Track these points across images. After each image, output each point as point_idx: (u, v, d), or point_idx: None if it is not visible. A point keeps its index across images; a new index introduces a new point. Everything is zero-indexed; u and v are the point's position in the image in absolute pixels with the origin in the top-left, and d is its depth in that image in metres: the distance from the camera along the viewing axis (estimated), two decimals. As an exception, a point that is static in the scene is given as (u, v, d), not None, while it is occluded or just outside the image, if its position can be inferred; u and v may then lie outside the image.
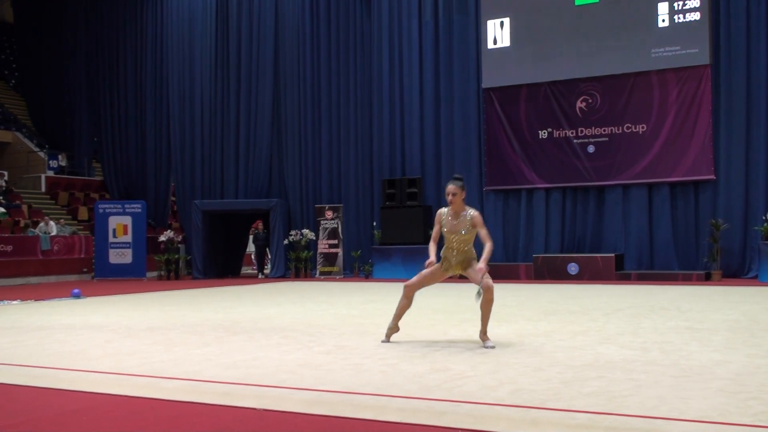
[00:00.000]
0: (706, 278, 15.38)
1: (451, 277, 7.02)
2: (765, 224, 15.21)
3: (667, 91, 16.66)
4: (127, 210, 20.33)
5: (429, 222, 18.63)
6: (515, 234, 18.31)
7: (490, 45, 18.43)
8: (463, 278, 17.22)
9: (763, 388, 4.70)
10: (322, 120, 20.58)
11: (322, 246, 19.77)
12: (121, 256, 20.14)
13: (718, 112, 16.32)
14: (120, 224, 20.24)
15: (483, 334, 6.70)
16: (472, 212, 6.70)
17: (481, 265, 6.59)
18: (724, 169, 16.18)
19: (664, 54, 16.62)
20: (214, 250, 20.85)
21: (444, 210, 6.77)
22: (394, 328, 7.08)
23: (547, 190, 17.98)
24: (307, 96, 20.74)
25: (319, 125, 20.63)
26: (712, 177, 16.18)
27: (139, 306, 11.82)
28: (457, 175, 6.80)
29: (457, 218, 6.71)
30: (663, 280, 15.48)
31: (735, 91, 16.21)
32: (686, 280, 15.33)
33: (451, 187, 6.60)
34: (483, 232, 6.72)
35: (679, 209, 16.66)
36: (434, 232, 6.93)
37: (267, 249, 21.66)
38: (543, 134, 17.88)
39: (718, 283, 14.97)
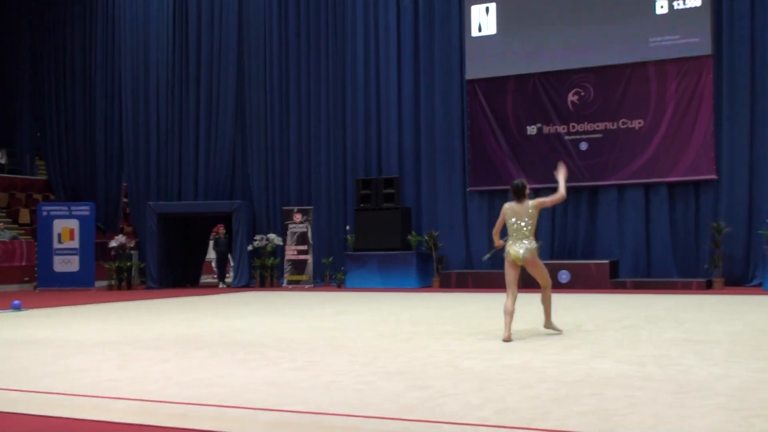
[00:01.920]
0: (707, 286, 15.55)
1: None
2: (770, 228, 15.47)
3: (666, 83, 16.82)
4: (73, 212, 20.15)
5: (407, 225, 18.67)
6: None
7: (475, 33, 18.52)
8: (459, 286, 17.25)
9: (766, 405, 4.78)
10: (291, 114, 20.54)
11: (290, 252, 19.73)
12: (66, 264, 19.96)
13: (720, 106, 16.48)
14: (66, 228, 20.06)
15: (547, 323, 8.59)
16: (531, 201, 8.43)
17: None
18: (726, 168, 16.35)
19: (663, 43, 16.79)
20: (171, 256, 20.72)
21: (508, 204, 8.52)
22: (507, 338, 8.12)
23: (535, 190, 17.96)
24: (274, 88, 20.70)
25: (287, 120, 20.59)
26: (714, 177, 16.36)
27: (88, 319, 11.74)
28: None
29: (520, 205, 8.40)
30: (661, 288, 15.63)
31: (738, 83, 16.39)
32: (686, 288, 15.49)
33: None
34: (548, 199, 8.62)
35: (678, 212, 16.82)
36: (497, 224, 8.74)
37: (229, 256, 21.56)
38: (532, 130, 17.99)
39: (720, 291, 15.15)
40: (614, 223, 17.26)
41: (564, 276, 16.39)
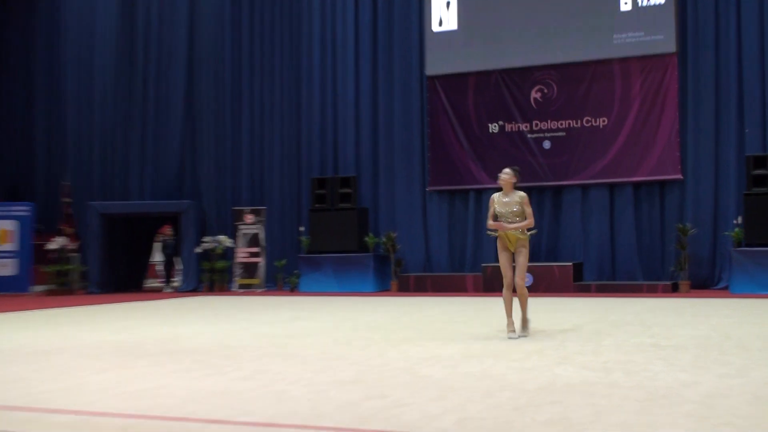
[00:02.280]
0: (673, 289, 15.72)
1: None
2: (736, 229, 15.64)
3: (630, 81, 16.99)
4: (11, 213, 19.76)
5: (364, 226, 18.62)
6: (462, 241, 18.44)
7: (435, 27, 18.53)
8: (418, 290, 17.21)
9: (735, 412, 4.80)
10: (243, 110, 20.38)
11: (241, 255, 19.57)
12: (2, 267, 19.58)
13: (685, 104, 16.69)
14: (2, 230, 19.67)
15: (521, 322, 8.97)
16: (520, 193, 8.97)
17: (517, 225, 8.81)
18: (692, 168, 16.55)
19: (627, 40, 16.94)
20: (114, 259, 20.43)
21: (496, 194, 9.05)
22: (513, 323, 8.88)
23: (497, 190, 18.08)
24: (226, 83, 20.52)
25: (239, 116, 20.44)
26: (679, 176, 16.54)
27: (23, 325, 11.49)
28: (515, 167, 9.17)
29: (507, 197, 8.95)
30: (626, 291, 15.77)
31: (703, 81, 16.60)
32: (651, 291, 15.66)
33: (509, 172, 8.99)
34: (528, 211, 8.91)
35: (643, 212, 16.99)
36: (489, 215, 9.07)
37: (176, 258, 21.32)
38: (493, 128, 18.05)
39: (686, 294, 15.31)
40: (578, 223, 17.38)
41: (527, 279, 16.43)
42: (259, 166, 20.27)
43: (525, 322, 9.07)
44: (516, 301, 9.01)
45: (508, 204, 8.96)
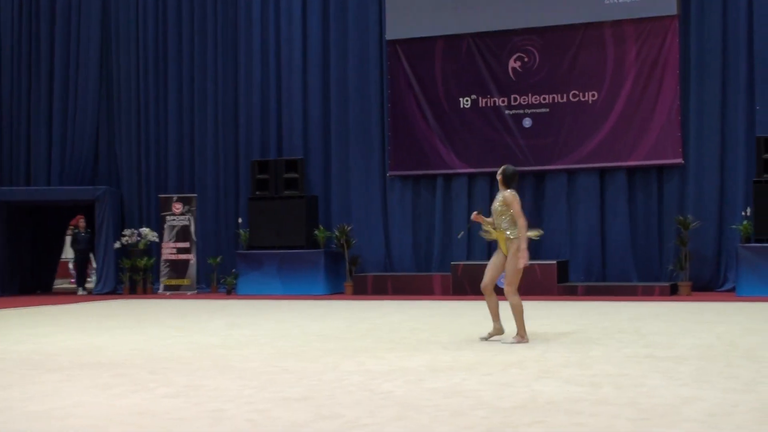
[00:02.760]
0: (672, 292, 15.90)
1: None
2: (744, 222, 15.86)
3: (625, 48, 17.11)
4: None
5: (314, 217, 18.58)
6: (428, 235, 18.50)
7: (397, -17, 18.57)
8: (377, 293, 17.26)
9: (741, 432, 4.90)
10: (169, 82, 20.24)
11: (168, 251, 19.44)
12: None
13: (687, 76, 16.83)
14: None
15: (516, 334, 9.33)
16: (506, 192, 9.38)
17: (519, 247, 9.44)
18: (694, 151, 16.72)
19: (621, 1, 17.07)
20: (17, 256, 20.20)
21: (513, 191, 9.45)
22: (499, 329, 9.46)
23: (470, 176, 18.21)
24: (148, 50, 20.36)
25: (165, 89, 20.29)
26: (680, 161, 16.70)
27: None
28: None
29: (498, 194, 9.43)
30: (618, 294, 15.92)
31: (708, 49, 16.75)
32: (647, 294, 15.82)
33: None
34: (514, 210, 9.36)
35: (638, 202, 17.14)
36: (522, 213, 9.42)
37: (91, 255, 21.14)
38: (465, 102, 18.11)
39: (687, 297, 15.51)
40: (563, 215, 17.50)
41: (502, 280, 16.50)
42: (189, 146, 20.16)
43: (518, 333, 9.40)
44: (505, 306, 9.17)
45: (495, 201, 9.56)
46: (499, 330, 9.58)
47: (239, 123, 19.77)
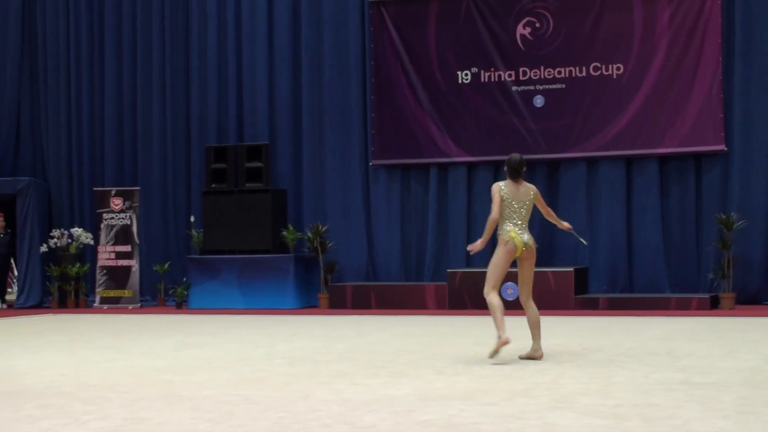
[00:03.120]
0: (713, 305, 15.91)
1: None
2: (800, 222, 16.02)
3: (656, 12, 17.08)
4: None
5: (282, 216, 18.56)
6: (420, 237, 18.51)
7: (382, -68, 18.56)
8: (357, 306, 17.26)
9: (794, 473, 4.92)
10: (106, 55, 20.19)
11: (106, 255, 19.36)
12: None
13: (731, 46, 16.82)
14: None
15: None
16: (533, 187, 10.13)
17: (566, 224, 10.57)
18: (739, 136, 16.71)
19: (651, -46, 17.14)
20: None
21: (501, 183, 10.04)
22: (505, 340, 9.55)
23: (470, 165, 18.20)
24: (81, 16, 20.31)
25: (101, 63, 20.24)
26: (722, 148, 16.70)
27: None
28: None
29: (520, 189, 9.98)
30: (648, 308, 15.93)
31: (757, 13, 16.75)
32: (683, 307, 15.81)
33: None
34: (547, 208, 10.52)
35: (672, 197, 17.14)
36: (495, 208, 9.95)
37: (12, 260, 21.04)
38: (465, 77, 18.09)
39: (730, 312, 15.53)
40: (582, 213, 17.46)
41: (510, 291, 16.50)
42: (130, 130, 20.12)
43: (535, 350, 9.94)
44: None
45: (521, 194, 10.02)
46: (534, 352, 9.96)
47: (191, 101, 19.74)
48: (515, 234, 9.90)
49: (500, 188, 9.95)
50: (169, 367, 9.78)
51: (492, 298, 9.82)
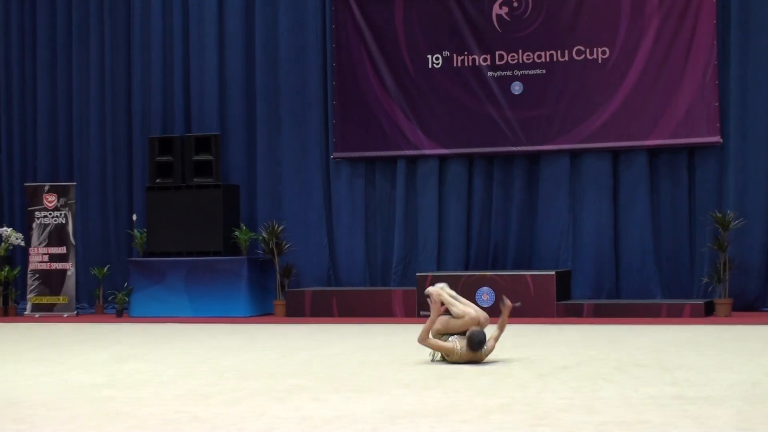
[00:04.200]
0: (707, 312, 15.96)
1: None
2: (802, 220, 16.12)
3: (645, -9, 17.26)
4: None
5: (233, 214, 18.52)
6: (386, 238, 18.50)
7: None
8: (318, 314, 17.21)
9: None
10: (38, 33, 20.15)
11: (38, 258, 19.25)
12: None
13: (727, 29, 16.87)
14: None
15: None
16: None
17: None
18: (736, 127, 16.74)
19: (640, -74, 17.20)
20: None
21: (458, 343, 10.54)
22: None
23: (441, 158, 18.21)
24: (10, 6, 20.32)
25: (32, 43, 20.20)
26: (717, 139, 16.75)
27: None
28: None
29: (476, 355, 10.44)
30: (636, 315, 15.95)
31: (754, -8, 16.95)
32: (675, 315, 15.86)
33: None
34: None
35: (662, 194, 17.18)
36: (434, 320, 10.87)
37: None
38: (435, 61, 18.08)
39: (726, 320, 15.61)
40: (564, 211, 17.53)
41: (486, 296, 16.51)
42: (65, 119, 20.06)
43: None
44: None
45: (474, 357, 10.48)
46: None
47: (132, 87, 19.70)
48: (459, 348, 10.38)
49: (455, 350, 10.39)
50: (109, 382, 9.74)
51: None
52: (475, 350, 10.23)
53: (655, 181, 17.28)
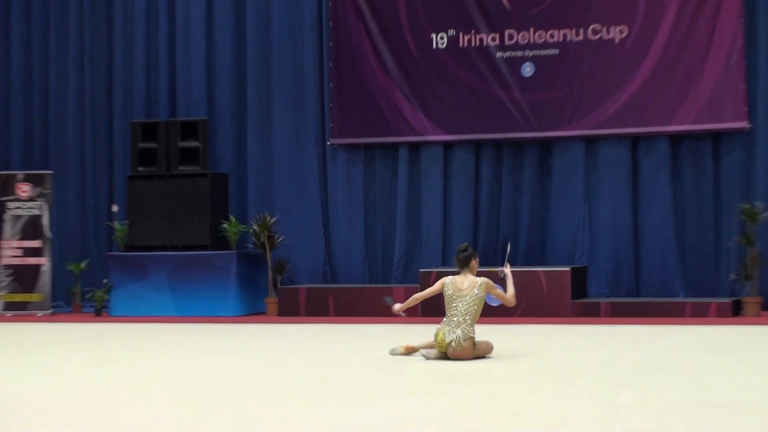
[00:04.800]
0: (735, 311, 15.92)
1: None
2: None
3: (665, -35, 17.20)
4: None
5: (222, 205, 18.51)
6: (388, 231, 18.50)
7: None
8: (313, 313, 17.26)
9: None
10: (12, 11, 20.15)
11: (11, 252, 19.24)
12: None
13: (753, 5, 16.86)
14: None
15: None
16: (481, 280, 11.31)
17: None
18: (764, 111, 16.76)
19: None
20: None
21: (447, 278, 11.44)
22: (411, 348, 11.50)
23: (446, 145, 18.18)
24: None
25: (6, 21, 20.21)
26: (744, 125, 16.73)
27: None
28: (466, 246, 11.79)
29: (464, 283, 11.32)
30: (658, 314, 15.92)
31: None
32: (699, 314, 15.84)
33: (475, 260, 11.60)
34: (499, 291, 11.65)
35: (685, 183, 17.17)
36: (428, 291, 11.86)
37: None
38: (440, 41, 18.04)
39: (756, 319, 15.58)
40: (579, 202, 17.52)
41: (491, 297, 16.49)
42: (40, 103, 20.09)
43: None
44: None
45: (464, 287, 11.38)
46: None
47: (114, 69, 19.71)
48: (441, 335, 10.99)
49: (444, 284, 11.32)
50: (86, 387, 9.72)
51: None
52: (461, 263, 11.37)
53: (677, 169, 17.24)
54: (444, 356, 10.92)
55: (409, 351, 11.43)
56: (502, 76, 17.72)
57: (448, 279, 11.30)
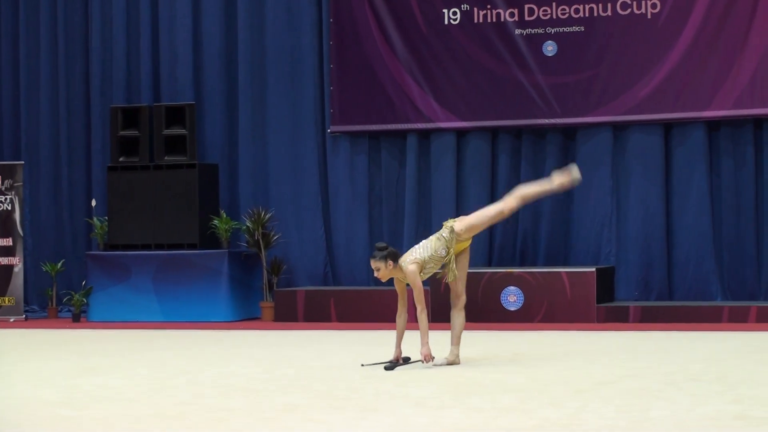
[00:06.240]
0: (777, 316, 16.11)
1: None
2: None
3: (701, -68, 17.25)
4: None
5: (212, 199, 18.54)
6: (394, 227, 18.54)
7: None
8: (312, 318, 17.32)
9: None
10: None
11: (-20, 252, 19.37)
12: None
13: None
14: None
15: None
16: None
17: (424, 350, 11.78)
18: (812, 95, 16.88)
19: None
20: None
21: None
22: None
23: (459, 132, 18.23)
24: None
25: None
26: (789, 110, 16.92)
27: None
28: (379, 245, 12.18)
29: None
30: (693, 320, 15.93)
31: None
32: (738, 320, 15.89)
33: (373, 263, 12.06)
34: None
35: (723, 175, 17.20)
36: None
37: None
38: (452, 16, 18.05)
39: (799, 325, 15.70)
40: (606, 195, 17.58)
41: (513, 297, 16.54)
42: (10, 88, 20.17)
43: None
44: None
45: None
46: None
47: (91, 50, 19.77)
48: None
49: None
50: (65, 399, 9.74)
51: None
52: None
53: (714, 159, 17.29)
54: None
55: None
56: (521, 55, 17.75)
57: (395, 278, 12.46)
